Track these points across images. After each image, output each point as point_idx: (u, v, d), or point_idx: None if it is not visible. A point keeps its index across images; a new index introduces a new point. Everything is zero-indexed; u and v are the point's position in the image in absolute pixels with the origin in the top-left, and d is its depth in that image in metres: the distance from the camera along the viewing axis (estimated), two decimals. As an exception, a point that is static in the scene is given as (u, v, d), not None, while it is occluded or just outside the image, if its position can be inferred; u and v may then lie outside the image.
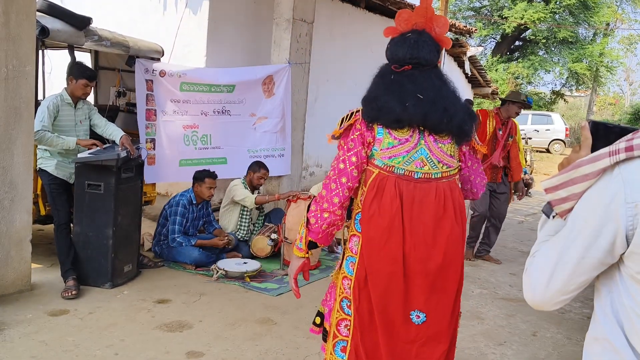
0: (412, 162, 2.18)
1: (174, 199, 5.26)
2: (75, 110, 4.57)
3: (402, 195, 2.16)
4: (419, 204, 2.17)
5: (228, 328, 3.84)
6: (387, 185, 2.18)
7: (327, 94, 8.79)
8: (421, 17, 2.26)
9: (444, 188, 2.20)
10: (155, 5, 7.18)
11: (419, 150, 2.18)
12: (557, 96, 27.21)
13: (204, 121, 5.90)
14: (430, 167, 2.18)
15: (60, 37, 4.75)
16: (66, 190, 4.53)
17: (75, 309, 3.98)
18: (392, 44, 2.28)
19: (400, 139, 2.18)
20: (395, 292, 2.18)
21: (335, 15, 8.78)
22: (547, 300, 1.26)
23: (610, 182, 1.13)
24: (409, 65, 2.21)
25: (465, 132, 2.25)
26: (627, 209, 1.09)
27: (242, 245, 5.58)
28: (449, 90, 2.26)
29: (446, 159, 2.22)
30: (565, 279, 1.21)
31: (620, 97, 38.64)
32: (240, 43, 7.17)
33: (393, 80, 2.23)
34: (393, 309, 2.20)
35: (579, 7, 21.33)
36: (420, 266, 2.17)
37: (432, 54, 2.23)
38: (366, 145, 2.23)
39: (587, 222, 1.17)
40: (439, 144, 2.21)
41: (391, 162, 2.18)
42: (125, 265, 4.61)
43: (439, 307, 2.21)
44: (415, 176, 2.18)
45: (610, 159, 1.13)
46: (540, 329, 4.26)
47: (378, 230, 2.18)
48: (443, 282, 2.21)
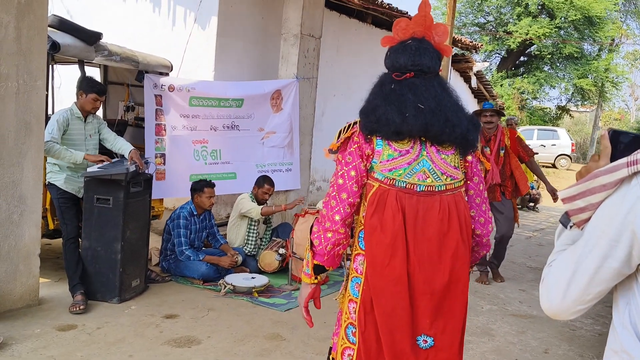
0: (414, 175, 2.06)
1: (174, 213, 5.26)
2: (85, 124, 4.58)
3: (405, 210, 2.04)
4: (422, 219, 2.04)
5: (237, 344, 3.81)
6: (388, 199, 2.06)
7: (334, 108, 8.81)
8: (419, 26, 2.18)
9: (448, 201, 2.07)
10: (164, 20, 7.24)
11: (421, 161, 2.07)
12: (563, 111, 27.20)
13: (214, 136, 5.91)
14: (433, 180, 2.06)
15: (71, 52, 4.79)
16: (75, 205, 4.54)
17: (84, 324, 3.96)
18: (392, 52, 2.20)
19: (400, 151, 2.07)
20: (402, 315, 2.05)
21: (342, 31, 8.84)
22: (564, 309, 1.25)
23: (628, 192, 1.13)
24: (411, 73, 2.11)
25: (470, 141, 2.13)
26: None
27: (249, 260, 5.56)
28: (451, 99, 2.14)
29: (450, 170, 2.10)
30: (582, 289, 1.20)
31: (626, 112, 38.61)
32: (248, 58, 7.21)
33: (393, 90, 2.12)
34: (400, 334, 2.05)
35: (584, 23, 21.41)
36: (426, 286, 2.04)
37: (433, 61, 2.15)
38: (365, 158, 2.11)
39: (604, 232, 1.16)
40: (442, 155, 2.09)
41: (392, 175, 2.07)
42: (134, 280, 4.59)
43: (447, 330, 2.07)
44: (418, 189, 2.05)
45: (629, 169, 1.12)
46: (551, 346, 4.20)
47: (380, 247, 2.06)
48: (450, 304, 2.08)
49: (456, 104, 2.14)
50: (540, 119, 25.31)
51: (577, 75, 22.61)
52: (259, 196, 5.63)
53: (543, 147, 19.83)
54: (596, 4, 20.68)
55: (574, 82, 22.97)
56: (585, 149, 28.80)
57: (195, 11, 6.76)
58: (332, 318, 4.46)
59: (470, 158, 2.16)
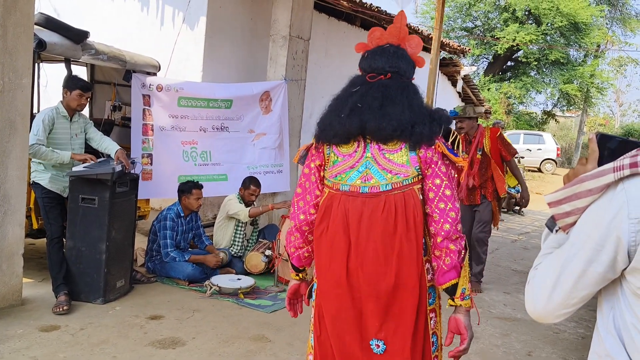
0: (357, 177, 2.05)
1: (161, 214, 5.23)
2: (71, 123, 4.55)
3: (348, 213, 2.04)
4: (367, 220, 2.01)
5: (222, 345, 3.79)
6: (333, 203, 2.08)
7: (322, 110, 8.80)
8: (394, 37, 2.19)
9: (395, 201, 2.01)
10: (153, 20, 7.21)
11: (363, 163, 2.05)
12: (549, 116, 27.45)
13: (203, 137, 5.89)
14: (377, 180, 2.03)
15: (57, 51, 4.75)
16: (59, 204, 4.50)
17: (67, 324, 3.93)
18: (370, 55, 2.17)
19: (344, 155, 2.09)
20: (346, 318, 2.04)
21: (331, 33, 8.85)
22: (548, 312, 1.26)
23: (613, 197, 1.14)
24: (389, 75, 2.09)
25: (417, 133, 2.01)
26: (630, 224, 1.10)
27: (236, 261, 5.55)
28: (406, 98, 2.06)
29: (396, 168, 2.03)
30: (567, 293, 1.21)
31: (611, 118, 39.03)
32: (236, 59, 7.20)
33: (349, 93, 2.12)
34: (349, 337, 2.05)
35: (569, 29, 21.61)
36: (370, 288, 2.01)
37: (409, 67, 2.15)
38: (317, 168, 2.15)
39: (589, 237, 1.17)
40: (387, 154, 2.04)
41: (337, 180, 2.09)
42: (118, 281, 4.56)
43: (398, 334, 2.01)
44: (361, 190, 2.04)
45: (615, 174, 1.13)
46: (535, 349, 4.24)
47: (322, 250, 2.09)
48: (399, 306, 2.01)
49: (406, 101, 2.06)
50: (526, 124, 25.52)
51: (562, 81, 22.82)
52: (246, 197, 5.62)
53: (529, 151, 20.04)
54: (582, 10, 20.90)
55: (560, 88, 23.18)
56: (570, 154, 29.07)
57: (184, 11, 6.74)
58: (318, 320, 4.46)
59: (429, 154, 2.03)
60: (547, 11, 20.77)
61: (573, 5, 20.66)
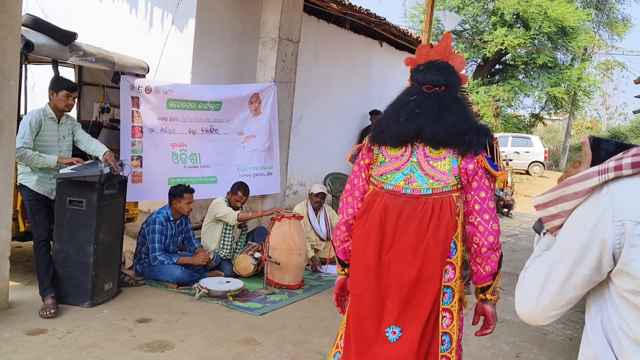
0: (401, 179, 2.26)
1: (150, 217, 5.20)
2: (58, 125, 4.51)
3: (388, 209, 2.24)
4: (405, 218, 2.22)
5: (211, 348, 3.78)
6: (376, 200, 2.30)
7: (311, 113, 8.82)
8: (439, 55, 2.41)
9: (433, 204, 2.21)
10: (141, 22, 7.18)
11: (409, 167, 2.26)
12: (536, 119, 27.63)
13: (192, 139, 5.86)
14: (419, 184, 2.24)
15: (45, 52, 4.71)
16: (47, 207, 4.46)
17: (54, 328, 3.89)
18: (424, 67, 2.38)
19: (391, 157, 2.29)
20: (370, 303, 2.25)
21: (321, 36, 8.86)
22: (537, 314, 1.27)
23: (598, 200, 1.15)
24: (443, 87, 2.31)
25: (466, 142, 2.22)
26: (615, 227, 1.11)
27: (224, 263, 5.52)
28: (457, 108, 2.29)
29: (437, 175, 2.23)
30: (554, 295, 1.23)
31: (597, 121, 39.38)
32: (226, 61, 7.18)
33: (406, 101, 2.33)
34: (367, 322, 2.25)
35: (557, 33, 21.78)
36: (395, 278, 2.21)
37: (458, 83, 2.39)
38: (366, 167, 2.38)
39: (575, 240, 1.18)
40: (431, 162, 2.24)
41: (382, 179, 2.30)
42: (106, 284, 4.53)
43: (413, 325, 2.18)
44: (404, 191, 2.25)
45: (600, 177, 1.14)
46: (523, 350, 4.26)
47: (358, 240, 2.32)
48: (418, 299, 2.19)
49: (459, 112, 2.28)
50: (514, 127, 25.67)
51: (550, 84, 22.98)
52: (232, 202, 5.60)
53: (517, 154, 20.18)
54: (570, 15, 21.07)
55: (548, 91, 23.35)
56: (557, 157, 29.28)
57: (173, 13, 6.72)
58: (307, 322, 4.48)
59: (470, 166, 2.22)
60: (536, 15, 20.93)
61: (561, 10, 20.84)
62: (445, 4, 22.94)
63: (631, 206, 1.10)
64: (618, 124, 37.98)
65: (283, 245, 5.22)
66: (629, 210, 1.10)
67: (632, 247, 1.09)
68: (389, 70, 11.01)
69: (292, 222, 5.34)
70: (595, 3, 25.13)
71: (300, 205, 6.32)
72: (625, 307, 1.14)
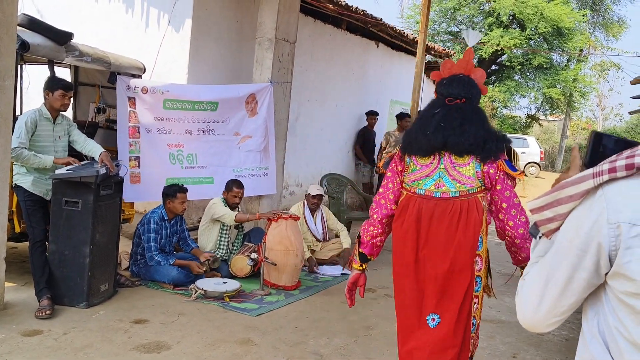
0: (431, 184, 2.59)
1: (145, 217, 5.19)
2: (54, 125, 4.50)
3: (421, 212, 2.58)
4: (437, 219, 2.55)
5: (207, 349, 3.77)
6: (410, 203, 2.63)
7: (308, 113, 8.82)
8: (462, 69, 2.75)
9: (461, 205, 2.55)
10: (138, 22, 7.16)
11: (437, 173, 2.59)
12: (532, 120, 27.69)
13: (189, 140, 5.85)
14: (448, 187, 2.57)
15: (41, 52, 4.70)
16: (42, 207, 4.44)
17: (50, 329, 3.88)
18: (448, 82, 2.70)
19: (422, 165, 2.63)
20: (411, 294, 2.60)
21: (317, 36, 8.86)
22: (539, 321, 1.26)
23: (593, 203, 1.15)
24: (463, 99, 2.63)
25: (487, 150, 2.55)
26: (610, 229, 1.10)
27: (221, 264, 5.51)
28: (478, 119, 2.62)
29: (463, 179, 2.57)
30: (555, 301, 1.22)
31: (593, 122, 39.49)
32: (222, 61, 7.17)
33: (431, 114, 2.65)
34: (410, 310, 2.61)
35: (553, 34, 21.83)
36: (432, 271, 2.55)
37: (478, 95, 2.72)
38: (398, 173, 2.72)
39: (572, 243, 1.18)
40: (457, 168, 2.57)
41: (414, 185, 2.64)
42: (102, 285, 4.52)
43: (449, 311, 2.52)
44: (434, 195, 2.58)
45: (594, 180, 1.14)
46: (520, 351, 4.26)
47: (397, 240, 2.67)
48: (452, 288, 2.52)
49: (479, 122, 2.61)
50: (510, 127, 25.70)
51: (546, 85, 23.03)
52: (229, 200, 5.59)
53: (513, 154, 20.19)
54: (565, 15, 21.13)
55: (543, 92, 23.40)
56: (553, 157, 29.37)
57: (169, 13, 6.71)
58: (304, 323, 4.48)
59: (491, 171, 2.57)
60: (532, 16, 20.97)
61: (557, 11, 20.88)
62: (441, 5, 22.98)
63: (626, 208, 1.10)
64: (614, 124, 38.09)
65: (280, 246, 5.21)
66: (624, 212, 1.10)
67: (627, 249, 1.09)
68: (386, 71, 11.02)
69: (289, 223, 5.33)
70: (591, 4, 25.21)
71: (296, 206, 6.31)
72: (622, 310, 1.14)
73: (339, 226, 6.37)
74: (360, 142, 9.91)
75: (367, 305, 5.00)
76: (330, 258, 6.25)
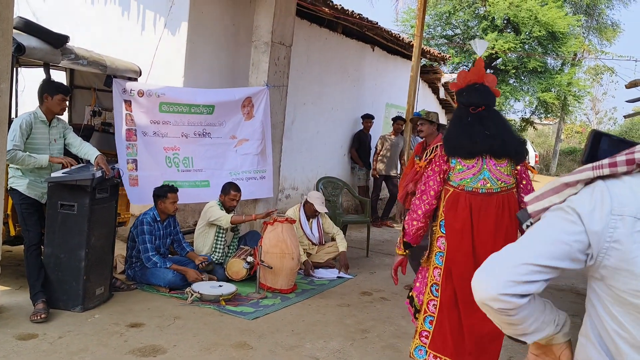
0: (477, 182, 3.04)
1: (137, 219, 5.17)
2: (49, 128, 4.49)
3: (472, 206, 3.01)
4: (484, 212, 3.01)
5: (203, 353, 3.76)
6: (459, 199, 3.05)
7: (304, 116, 8.82)
8: (475, 76, 3.17)
9: (502, 199, 3.03)
10: (134, 25, 7.15)
11: (482, 172, 3.05)
12: (527, 123, 27.76)
13: (185, 143, 5.84)
14: (491, 185, 3.04)
15: (36, 55, 4.68)
16: (37, 211, 4.43)
17: (45, 333, 3.86)
18: (466, 93, 3.14)
19: (468, 166, 3.06)
20: (469, 276, 2.75)
21: (313, 40, 8.87)
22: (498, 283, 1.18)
23: (594, 192, 1.14)
24: (483, 107, 3.08)
25: (520, 153, 3.12)
26: (612, 220, 1.10)
27: (217, 267, 5.50)
28: (506, 125, 3.14)
29: (504, 177, 3.06)
30: (528, 255, 1.17)
31: (587, 125, 39.64)
32: (218, 65, 7.17)
33: (468, 122, 3.08)
34: (468, 289, 2.79)
35: (547, 38, 21.91)
36: (485, 257, 2.70)
37: (494, 99, 3.17)
38: (442, 173, 3.11)
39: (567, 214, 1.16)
40: (498, 167, 3.06)
41: (462, 183, 3.07)
42: (98, 288, 4.50)
43: None
44: (481, 191, 3.04)
45: (594, 172, 1.15)
46: (516, 354, 4.26)
47: (455, 232, 3.04)
48: None
49: (509, 129, 3.15)
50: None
51: (540, 89, 23.10)
52: (227, 203, 5.58)
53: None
54: (560, 20, 21.20)
55: (538, 96, 23.48)
56: (548, 161, 29.44)
57: (165, 16, 6.70)
58: (300, 326, 4.47)
59: (519, 167, 3.14)
60: (526, 20, 21.05)
61: (551, 15, 20.96)
62: (437, 9, 23.05)
63: (632, 202, 1.09)
64: (607, 128, 38.26)
65: (276, 249, 5.20)
66: (629, 205, 1.09)
67: (634, 243, 1.08)
68: (381, 74, 11.04)
69: (285, 226, 5.32)
70: (585, 8, 25.33)
71: (293, 209, 6.31)
72: (622, 312, 1.12)
73: (334, 229, 6.36)
74: (356, 146, 9.92)
75: (363, 308, 5.00)
76: (326, 261, 6.25)
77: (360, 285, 5.76)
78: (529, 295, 1.18)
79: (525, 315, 1.21)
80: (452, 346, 3.07)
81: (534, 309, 1.23)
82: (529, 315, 1.22)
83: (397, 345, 4.15)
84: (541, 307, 1.26)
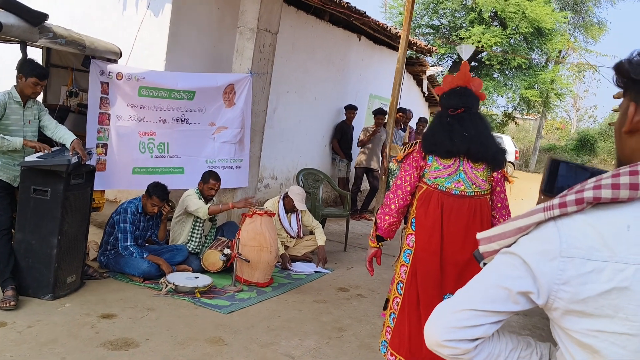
0: (452, 182, 3.02)
1: (121, 206, 5.06)
2: (24, 109, 4.34)
3: (443, 206, 3.00)
4: (455, 213, 2.99)
5: (177, 348, 3.69)
6: (432, 197, 3.03)
7: (286, 105, 8.71)
8: (461, 80, 3.15)
9: (475, 203, 3.02)
10: (115, 4, 6.96)
11: (458, 174, 3.02)
12: (509, 118, 27.96)
13: (162, 128, 5.70)
14: (465, 187, 3.02)
15: (13, 33, 4.50)
16: (9, 194, 4.30)
17: (14, 321, 3.76)
18: (447, 95, 3.13)
19: (444, 165, 3.03)
20: (434, 277, 2.97)
21: (299, 27, 8.74)
22: (440, 329, 1.19)
23: (543, 232, 1.12)
24: (462, 109, 3.05)
25: (498, 160, 3.09)
26: (561, 262, 1.07)
27: (192, 258, 5.41)
28: (487, 129, 3.11)
29: (479, 182, 3.05)
30: (469, 302, 1.18)
31: (567, 122, 40.07)
32: (201, 49, 7.02)
33: (447, 123, 3.05)
34: (432, 290, 2.97)
35: (533, 34, 21.99)
36: (453, 258, 2.96)
37: (475, 102, 3.13)
38: (419, 169, 3.09)
39: (512, 258, 1.15)
40: (474, 171, 3.03)
41: (436, 181, 3.04)
42: (69, 276, 4.40)
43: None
44: (453, 192, 3.02)
45: (545, 214, 1.12)
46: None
47: (424, 229, 3.02)
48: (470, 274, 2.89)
49: (489, 133, 3.11)
50: (490, 125, 25.89)
51: (524, 86, 23.23)
52: (205, 192, 5.48)
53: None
54: (547, 16, 21.28)
55: (521, 93, 23.60)
56: (528, 157, 29.72)
57: (149, -3, 6.52)
58: (276, 322, 4.43)
59: (495, 174, 3.12)
60: (513, 15, 21.08)
61: (538, 10, 21.02)
62: (424, -2, 22.94)
63: (582, 243, 1.07)
64: (587, 126, 38.70)
65: (253, 242, 5.13)
66: (579, 247, 1.07)
67: (584, 284, 1.05)
68: (366, 65, 10.95)
69: (264, 219, 5.24)
70: (572, 5, 25.45)
71: (272, 201, 6.23)
72: (579, 351, 1.10)
73: (314, 223, 6.30)
74: (337, 137, 9.83)
75: (340, 305, 4.97)
76: (304, 255, 6.20)
77: (337, 281, 5.72)
78: (478, 339, 1.18)
79: (486, 357, 1.21)
80: (408, 347, 3.02)
81: (501, 349, 1.23)
82: (493, 356, 1.22)
83: (372, 345, 4.12)
84: (511, 345, 1.25)
